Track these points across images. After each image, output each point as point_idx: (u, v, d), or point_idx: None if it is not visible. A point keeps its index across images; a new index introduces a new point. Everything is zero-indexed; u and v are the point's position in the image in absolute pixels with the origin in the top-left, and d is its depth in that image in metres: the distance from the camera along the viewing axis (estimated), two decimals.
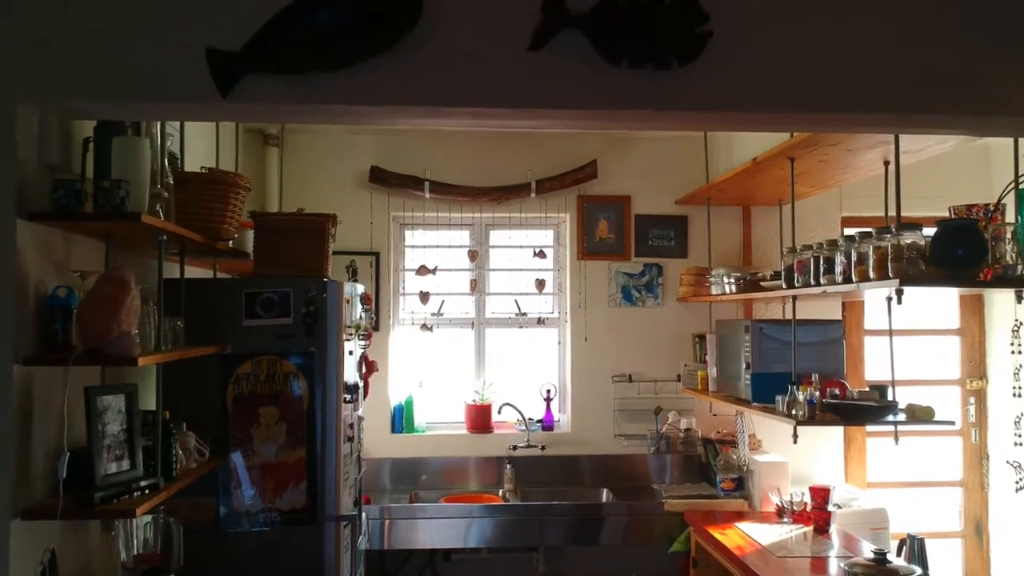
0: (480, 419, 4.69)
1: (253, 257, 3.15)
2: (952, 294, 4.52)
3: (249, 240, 3.25)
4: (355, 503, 3.38)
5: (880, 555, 2.84)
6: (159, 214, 2.41)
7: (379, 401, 4.56)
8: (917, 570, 2.85)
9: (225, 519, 2.96)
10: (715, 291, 4.26)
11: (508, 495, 4.46)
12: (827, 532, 3.69)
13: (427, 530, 4.06)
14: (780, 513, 3.95)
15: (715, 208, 4.69)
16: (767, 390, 3.63)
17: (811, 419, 3.27)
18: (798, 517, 3.85)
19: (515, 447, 4.60)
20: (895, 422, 3.27)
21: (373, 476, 4.46)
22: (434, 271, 4.71)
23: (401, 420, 4.69)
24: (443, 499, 4.36)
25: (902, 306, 3.35)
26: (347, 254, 4.51)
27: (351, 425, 3.25)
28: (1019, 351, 3.64)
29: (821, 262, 3.11)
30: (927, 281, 2.57)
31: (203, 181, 2.72)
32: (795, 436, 3.38)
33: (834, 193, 4.52)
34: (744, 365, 3.83)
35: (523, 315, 4.82)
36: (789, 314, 4.18)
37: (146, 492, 2.28)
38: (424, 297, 4.70)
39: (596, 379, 4.72)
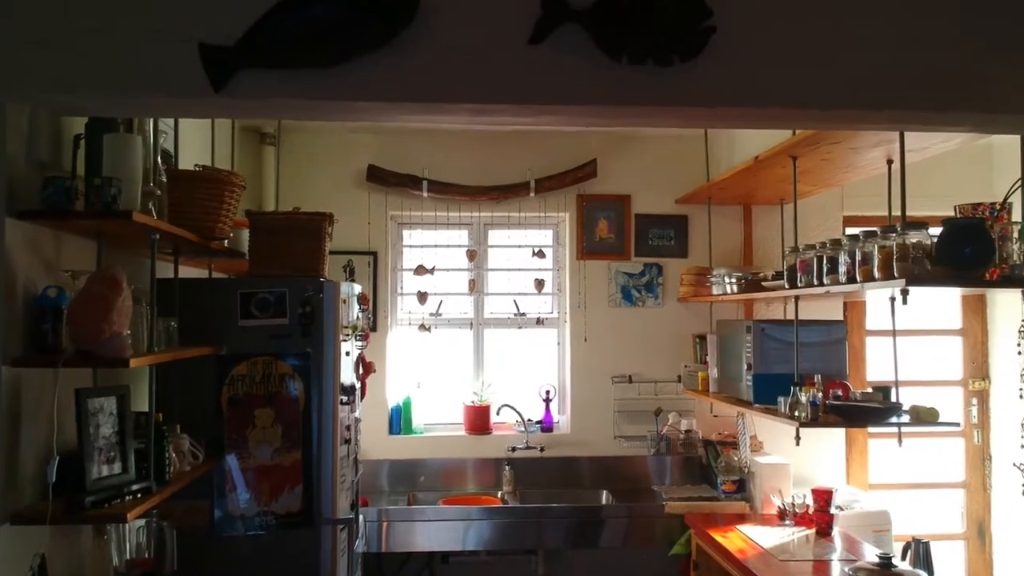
0: (479, 420, 4.65)
1: (248, 257, 3.11)
2: (954, 294, 4.48)
3: (245, 239, 3.20)
4: (352, 506, 3.34)
5: (885, 559, 2.80)
6: (152, 213, 2.37)
7: (377, 402, 4.52)
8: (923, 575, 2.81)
9: (220, 523, 2.92)
10: (716, 291, 4.22)
11: (507, 497, 4.42)
12: (829, 535, 3.65)
13: (425, 532, 4.01)
14: (782, 515, 3.91)
15: (716, 207, 4.65)
16: (769, 391, 3.59)
17: (814, 421, 3.23)
18: (800, 519, 3.81)
19: (514, 448, 4.56)
20: (899, 424, 3.23)
21: (371, 478, 4.43)
22: (432, 271, 4.67)
23: (399, 421, 4.65)
24: (441, 501, 4.32)
25: (905, 306, 3.34)
26: (344, 254, 4.47)
27: (348, 427, 3.21)
28: None
29: (824, 262, 3.07)
30: (933, 281, 2.53)
31: (197, 179, 2.67)
32: (797, 438, 3.33)
33: (835, 192, 4.48)
34: (745, 366, 3.79)
35: (522, 315, 4.78)
36: (790, 314, 4.15)
37: (138, 496, 2.24)
38: (422, 297, 4.66)
39: (596, 380, 4.69)
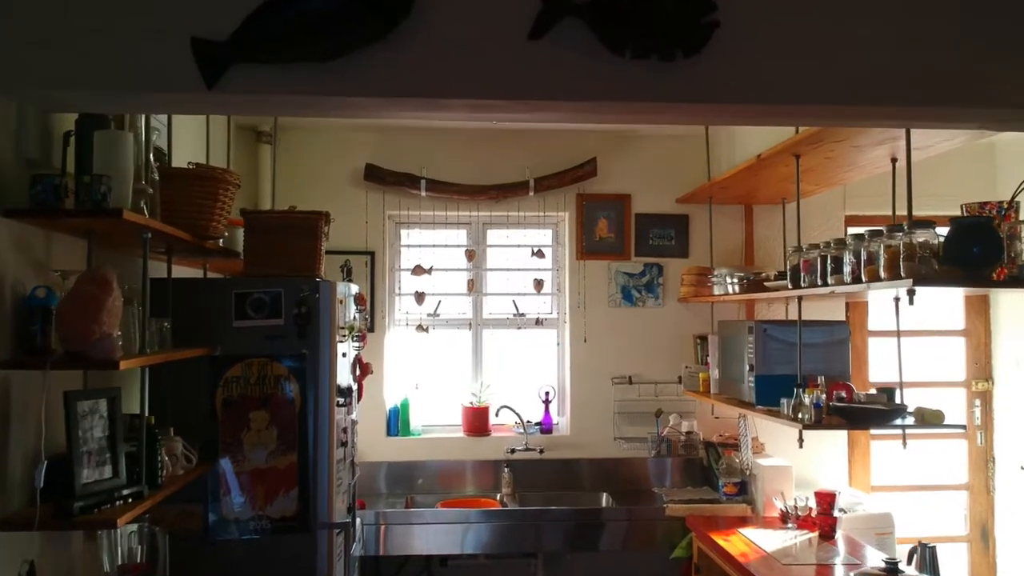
0: (477, 422, 4.61)
1: (243, 256, 3.06)
2: (958, 294, 4.44)
3: (240, 239, 3.15)
4: (349, 509, 3.29)
5: (892, 565, 2.75)
6: (143, 211, 2.31)
7: (374, 403, 4.48)
8: None
9: (214, 527, 2.87)
10: (717, 291, 4.18)
11: (506, 499, 4.37)
12: (833, 538, 3.61)
13: (423, 536, 3.97)
14: (784, 518, 3.87)
15: (716, 207, 4.61)
16: (771, 392, 3.55)
17: (817, 423, 3.18)
18: (803, 522, 3.76)
19: (513, 450, 4.52)
20: (903, 426, 3.19)
21: (368, 480, 4.38)
22: (430, 271, 4.62)
23: (397, 423, 4.60)
24: (440, 503, 4.27)
25: (910, 307, 3.29)
26: (342, 253, 4.41)
27: (344, 429, 3.16)
28: None
29: (829, 261, 3.02)
30: (941, 281, 2.49)
31: (190, 177, 2.62)
32: (800, 440, 3.29)
33: (837, 191, 4.44)
34: (747, 367, 3.75)
35: (521, 316, 4.74)
36: (792, 315, 4.11)
37: (129, 501, 2.19)
38: (419, 297, 4.61)
39: (595, 381, 4.64)
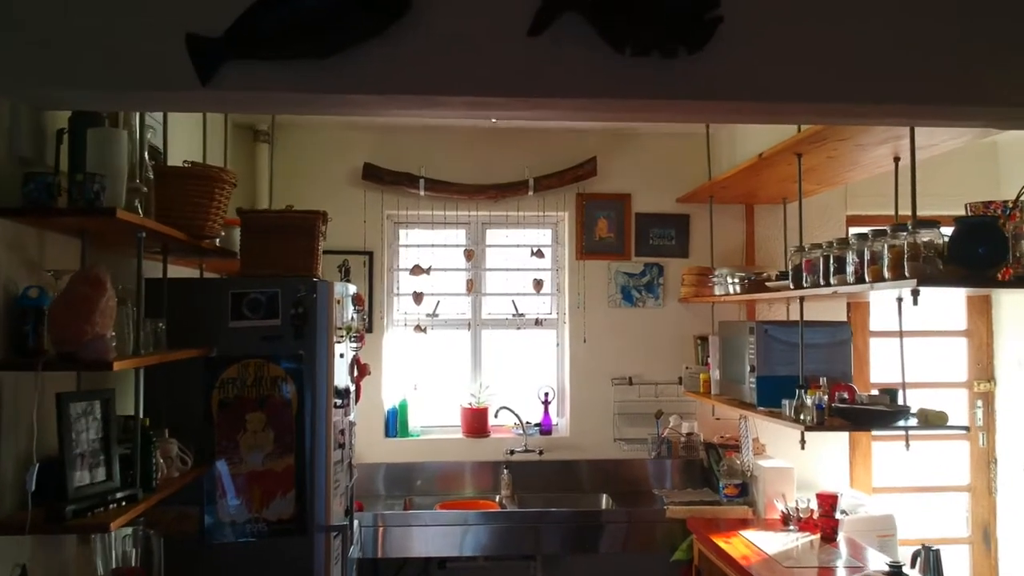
0: (476, 423, 4.57)
1: (240, 256, 3.03)
2: (960, 294, 4.41)
3: (237, 239, 3.12)
4: (346, 512, 3.26)
5: (895, 568, 2.72)
6: (138, 210, 2.28)
7: (373, 404, 4.44)
8: None
9: (210, 530, 2.84)
10: (718, 291, 4.15)
11: (505, 501, 4.34)
12: (835, 541, 3.58)
13: (422, 538, 3.93)
14: (786, 520, 3.83)
15: (717, 206, 4.58)
16: (773, 394, 3.51)
17: (820, 424, 3.14)
18: (804, 525, 3.73)
19: (512, 451, 4.48)
20: (906, 428, 3.16)
21: (366, 482, 4.34)
22: (428, 271, 4.59)
23: (395, 424, 4.57)
24: (438, 505, 4.24)
25: (913, 307, 3.26)
26: (340, 253, 4.38)
27: (342, 431, 3.12)
28: None
29: (831, 261, 2.99)
30: (946, 281, 2.46)
31: (186, 176, 2.59)
32: (803, 442, 3.26)
33: (839, 191, 4.42)
34: (748, 368, 3.71)
35: (520, 316, 4.70)
36: (793, 315, 4.08)
37: (122, 504, 2.16)
38: (418, 298, 4.58)
39: (595, 382, 4.61)
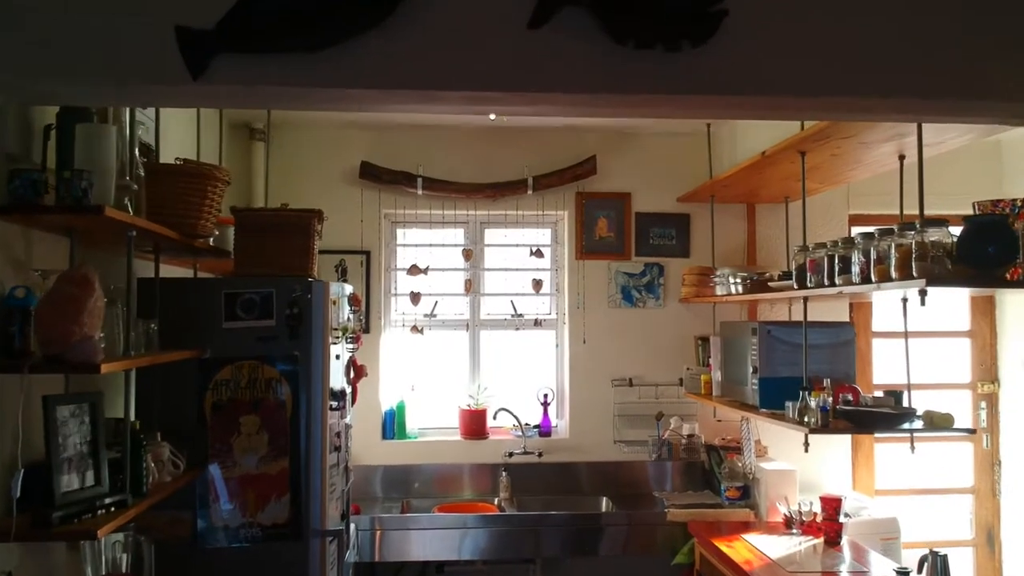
0: (475, 425, 4.52)
1: (234, 255, 2.97)
2: (964, 294, 4.36)
3: (232, 238, 3.07)
4: (342, 516, 3.20)
5: (903, 574, 2.67)
6: (127, 208, 2.23)
7: (370, 406, 4.39)
8: None
9: (203, 534, 2.78)
10: (720, 292, 4.09)
11: (504, 504, 4.29)
12: (838, 544, 3.53)
13: (420, 541, 3.88)
14: (788, 524, 3.78)
15: (718, 206, 4.54)
16: (775, 395, 3.46)
17: (824, 427, 3.09)
18: (807, 528, 3.68)
19: (511, 454, 4.43)
20: (912, 430, 3.10)
21: (363, 484, 4.29)
22: (425, 271, 4.54)
23: (392, 426, 4.52)
24: (436, 508, 4.19)
25: (918, 308, 3.21)
26: (336, 253, 4.34)
27: (338, 434, 3.07)
28: None
29: (836, 261, 2.94)
30: (955, 281, 2.41)
31: (178, 173, 2.53)
32: (806, 444, 3.21)
33: (841, 190, 4.37)
34: (751, 369, 3.66)
35: (519, 316, 4.65)
36: (795, 316, 4.04)
37: (111, 510, 2.10)
38: (415, 298, 4.53)
39: (595, 383, 4.56)
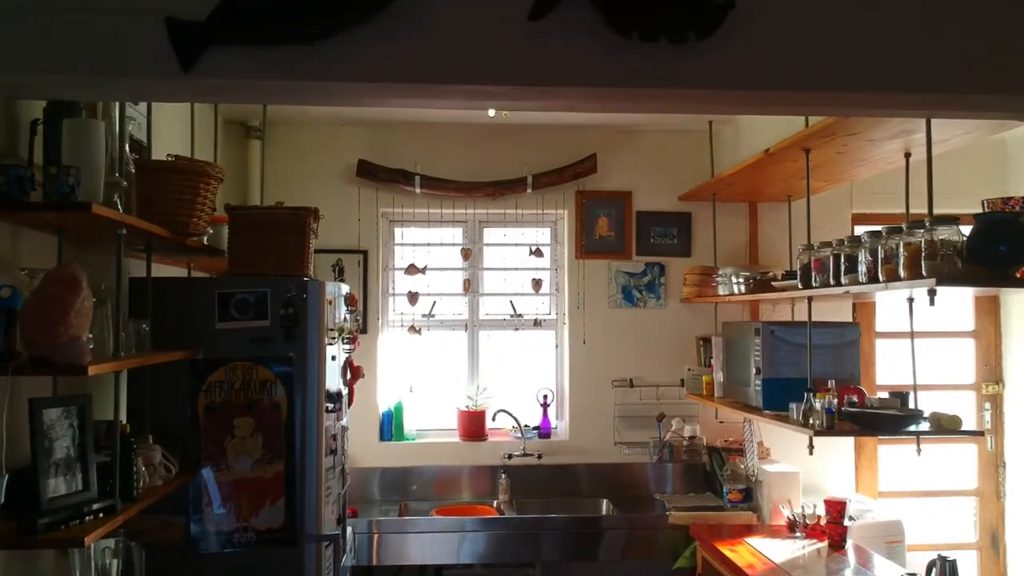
0: (473, 426, 4.47)
1: (228, 254, 2.91)
2: (968, 294, 4.30)
3: (226, 236, 3.00)
4: (339, 520, 3.14)
5: None
6: (117, 205, 2.17)
7: (367, 407, 4.34)
8: None
9: (196, 539, 2.73)
10: (722, 291, 4.04)
11: (503, 506, 4.23)
12: (843, 548, 3.47)
13: (418, 545, 3.83)
14: (791, 527, 3.73)
15: (720, 204, 4.49)
16: (779, 397, 3.41)
17: (829, 429, 3.04)
18: (811, 532, 3.63)
19: (510, 455, 4.38)
20: (918, 432, 3.05)
21: (361, 486, 4.24)
22: (423, 270, 4.48)
23: (390, 427, 4.47)
24: (435, 511, 4.13)
25: (922, 308, 3.16)
26: (333, 252, 4.30)
27: (334, 436, 3.01)
28: None
29: (842, 260, 2.88)
30: (965, 281, 2.35)
31: (169, 170, 2.47)
32: (811, 447, 3.15)
33: (844, 189, 4.31)
34: (754, 370, 3.61)
35: (519, 316, 4.60)
36: (798, 316, 3.99)
37: (100, 516, 2.04)
38: (412, 298, 4.47)
39: (595, 384, 4.51)
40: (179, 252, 2.90)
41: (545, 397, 4.55)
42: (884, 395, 3.46)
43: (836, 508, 3.53)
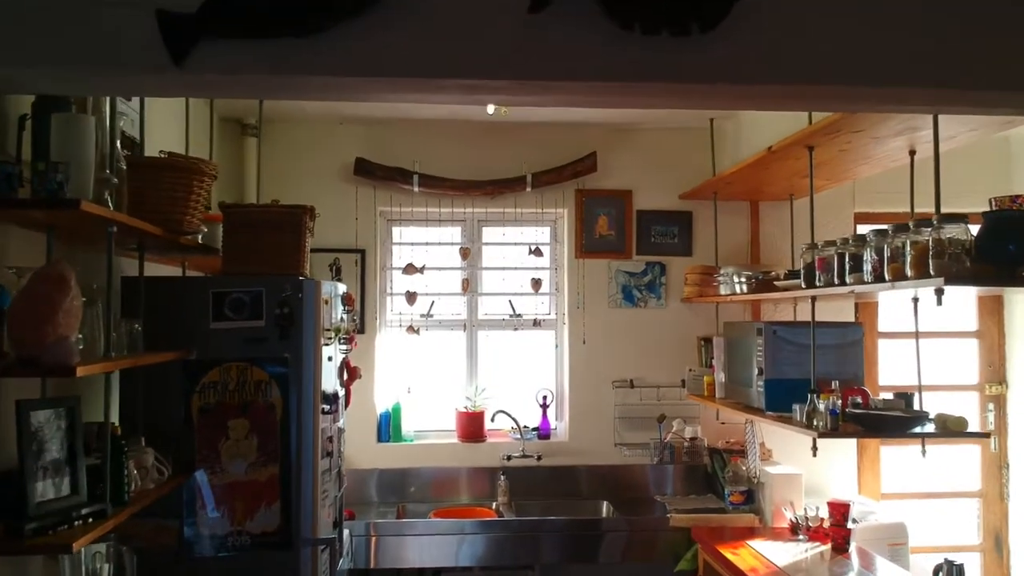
0: (472, 427, 4.42)
1: (222, 253, 2.86)
2: (972, 293, 4.26)
3: (221, 235, 2.96)
4: (335, 524, 3.09)
5: None
6: (107, 202, 2.12)
7: (365, 408, 4.29)
8: None
9: (189, 543, 2.68)
10: (724, 291, 3.99)
11: (502, 508, 4.19)
12: (847, 551, 3.43)
13: (416, 547, 3.78)
14: (794, 529, 3.69)
15: (721, 203, 4.44)
16: (782, 397, 3.37)
17: (834, 431, 2.99)
18: (814, 534, 3.58)
19: (509, 457, 4.33)
20: (924, 434, 3.01)
21: (358, 488, 4.19)
22: (422, 270, 4.43)
23: (388, 428, 4.42)
24: (433, 513, 4.08)
25: (921, 307, 3.12)
26: (331, 252, 4.27)
27: (330, 438, 2.96)
28: None
29: (847, 259, 2.84)
30: (974, 280, 2.31)
31: (162, 167, 2.43)
32: (815, 449, 3.11)
33: (846, 187, 4.27)
34: (756, 371, 3.56)
35: (518, 316, 4.55)
36: (800, 316, 3.95)
37: (89, 520, 2.00)
38: (411, 298, 4.43)
39: (595, 384, 4.46)
40: (173, 251, 2.86)
41: (544, 398, 4.51)
42: (888, 396, 3.41)
43: (840, 510, 3.48)
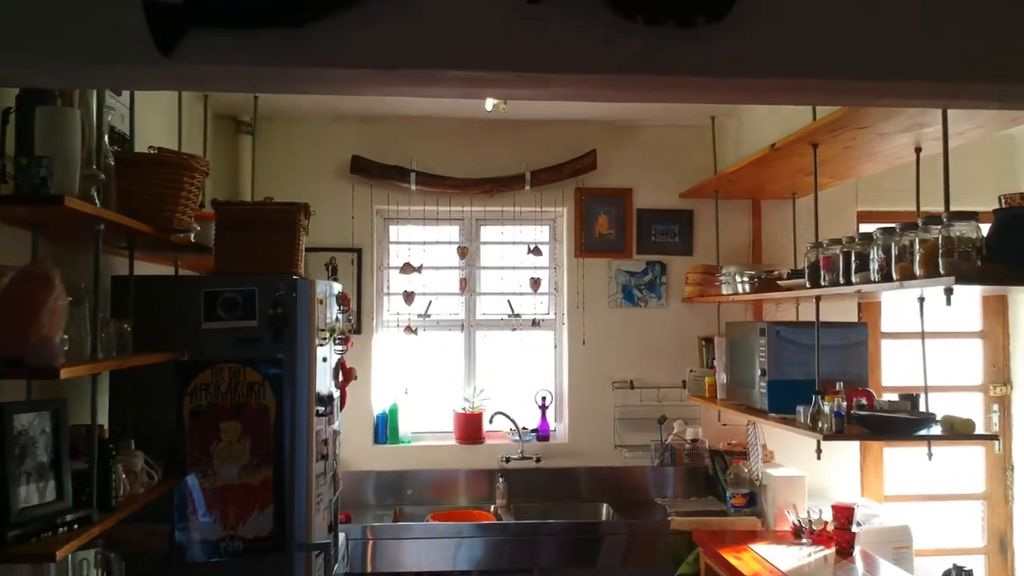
0: (470, 429, 4.37)
1: (214, 252, 2.81)
2: (976, 293, 4.21)
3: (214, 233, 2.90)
4: (330, 528, 3.04)
5: None
6: (94, 199, 2.05)
7: (361, 409, 4.23)
8: None
9: (181, 548, 2.63)
10: (726, 291, 3.94)
11: (500, 511, 4.13)
12: (851, 555, 3.37)
13: (413, 551, 3.72)
14: (797, 533, 3.62)
15: (723, 202, 4.39)
16: (785, 399, 3.32)
17: (839, 433, 2.94)
18: (817, 537, 3.52)
19: (508, 459, 4.28)
20: (930, 436, 2.95)
21: (355, 490, 4.14)
22: (419, 269, 4.38)
23: (385, 430, 4.36)
24: (431, 515, 4.03)
25: (927, 308, 3.07)
26: (327, 251, 4.21)
27: (325, 441, 2.91)
28: None
29: (852, 258, 2.78)
30: (985, 279, 2.25)
31: (151, 163, 2.37)
32: (819, 451, 3.05)
33: (849, 186, 4.22)
34: (759, 371, 3.51)
35: (517, 316, 4.49)
36: (803, 316, 3.89)
37: (74, 527, 1.94)
38: (408, 297, 4.37)
39: (595, 385, 4.41)
40: (164, 249, 2.80)
41: (543, 399, 4.45)
42: (892, 397, 3.36)
43: (844, 514, 3.43)
